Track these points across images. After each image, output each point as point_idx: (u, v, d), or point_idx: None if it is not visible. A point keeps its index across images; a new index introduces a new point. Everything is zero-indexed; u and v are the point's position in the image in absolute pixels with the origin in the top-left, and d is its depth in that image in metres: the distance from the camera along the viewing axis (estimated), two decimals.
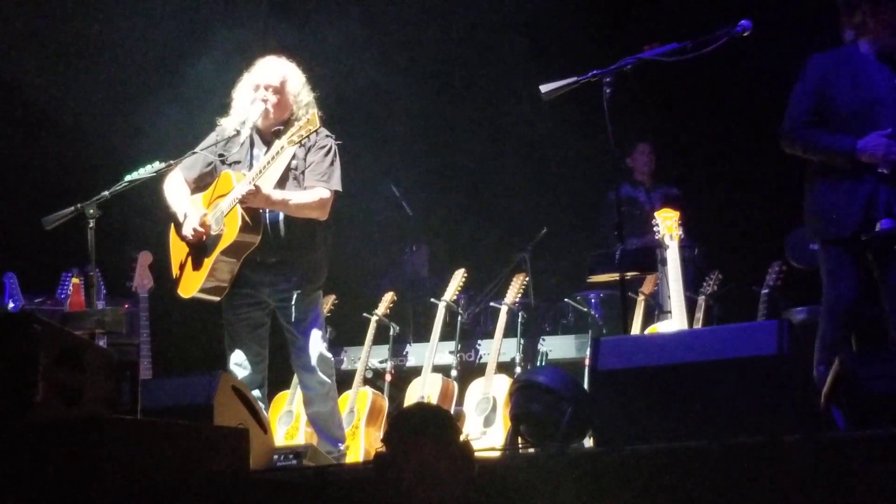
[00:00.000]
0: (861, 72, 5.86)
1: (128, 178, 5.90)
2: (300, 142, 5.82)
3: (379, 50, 9.41)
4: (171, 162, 6.03)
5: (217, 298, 6.10)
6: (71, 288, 7.62)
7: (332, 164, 6.10)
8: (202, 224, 5.96)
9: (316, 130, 5.79)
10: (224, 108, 6.29)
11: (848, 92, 5.85)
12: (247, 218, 5.87)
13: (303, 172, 6.05)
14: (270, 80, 6.12)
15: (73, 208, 5.78)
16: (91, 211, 5.73)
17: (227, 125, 6.21)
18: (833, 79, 5.90)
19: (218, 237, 5.95)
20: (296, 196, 5.98)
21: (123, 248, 7.92)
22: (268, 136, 6.17)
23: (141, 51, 8.69)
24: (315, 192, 6.01)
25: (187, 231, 5.99)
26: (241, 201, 5.80)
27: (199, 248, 6.05)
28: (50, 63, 8.49)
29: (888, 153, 5.67)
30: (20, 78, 8.32)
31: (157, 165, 5.95)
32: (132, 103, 8.72)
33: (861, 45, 5.92)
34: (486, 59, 9.49)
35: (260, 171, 5.84)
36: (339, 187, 6.10)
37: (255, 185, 5.78)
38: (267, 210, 6.01)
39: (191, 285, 6.09)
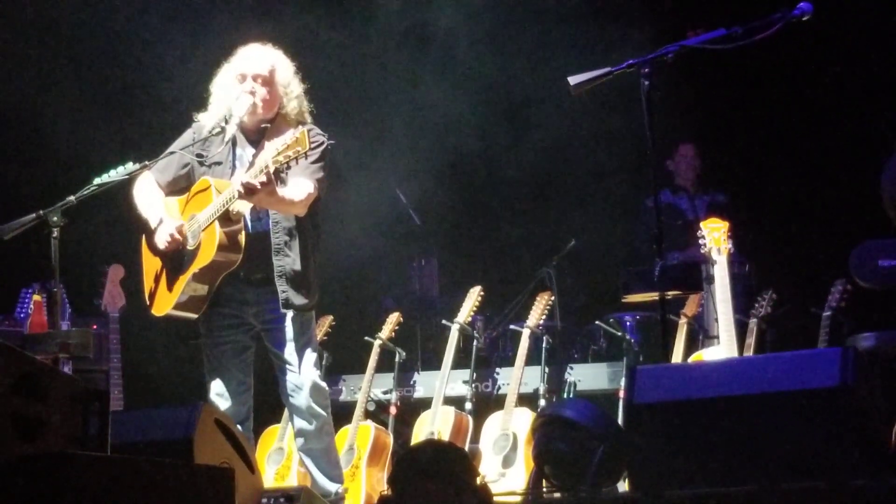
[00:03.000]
0: None
1: (97, 181, 5.89)
2: (287, 163, 5.74)
3: (385, 42, 9.44)
4: (147, 163, 6.02)
5: (194, 315, 6.10)
6: (32, 306, 7.63)
7: (319, 161, 6.09)
8: (179, 232, 5.97)
9: (305, 153, 5.73)
10: (202, 103, 6.27)
11: None
12: (225, 235, 5.87)
13: (289, 169, 6.00)
14: (259, 70, 6.11)
15: (34, 215, 5.77)
16: (55, 218, 5.72)
17: (205, 122, 6.19)
18: None
19: (194, 253, 5.95)
20: (289, 192, 5.96)
21: (91, 261, 7.94)
22: (253, 133, 6.16)
23: (110, 41, 8.72)
24: (301, 185, 5.99)
25: (161, 239, 6.00)
26: (247, 190, 5.72)
27: (174, 263, 6.05)
28: (7, 54, 8.53)
29: None
30: None
31: (130, 167, 5.94)
32: (101, 98, 8.75)
33: None
34: (505, 48, 9.50)
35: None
36: (321, 190, 6.09)
37: (267, 174, 5.67)
38: (251, 222, 6.04)
39: (164, 304, 6.10)
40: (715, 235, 7.05)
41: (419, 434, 7.61)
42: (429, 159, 9.79)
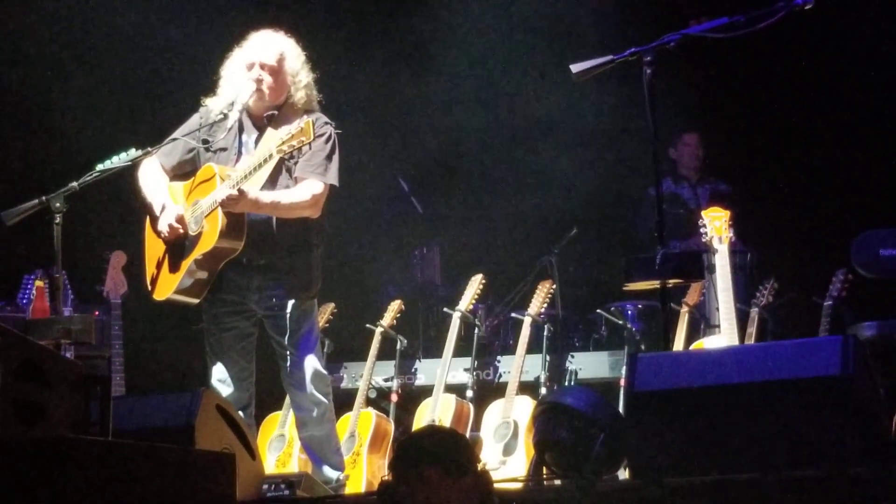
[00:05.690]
0: None
1: (99, 167, 5.89)
2: (291, 152, 5.76)
3: (384, 32, 9.43)
4: (149, 149, 6.01)
5: (195, 300, 6.10)
6: (34, 292, 7.63)
7: (329, 154, 6.08)
8: (179, 220, 5.97)
9: (309, 143, 5.75)
10: (207, 90, 6.27)
11: None
12: (228, 222, 5.85)
13: (296, 163, 6.03)
14: (266, 58, 6.10)
15: (37, 201, 5.77)
16: (58, 204, 5.72)
17: (213, 106, 6.18)
18: None
19: (196, 238, 5.94)
20: (286, 196, 5.95)
21: (94, 248, 7.94)
22: (259, 120, 6.16)
23: (114, 28, 8.72)
24: (307, 187, 5.98)
25: (163, 227, 6.00)
26: (223, 205, 5.77)
27: (177, 247, 6.04)
28: (10, 41, 8.52)
29: None
30: None
31: (133, 153, 5.94)
32: (104, 84, 8.75)
33: None
34: (507, 35, 9.49)
35: (245, 176, 5.81)
36: (335, 181, 6.08)
37: (239, 188, 5.75)
38: None
39: (165, 288, 6.10)
40: (716, 224, 7.04)
41: (420, 421, 7.61)
42: (431, 146, 9.79)
